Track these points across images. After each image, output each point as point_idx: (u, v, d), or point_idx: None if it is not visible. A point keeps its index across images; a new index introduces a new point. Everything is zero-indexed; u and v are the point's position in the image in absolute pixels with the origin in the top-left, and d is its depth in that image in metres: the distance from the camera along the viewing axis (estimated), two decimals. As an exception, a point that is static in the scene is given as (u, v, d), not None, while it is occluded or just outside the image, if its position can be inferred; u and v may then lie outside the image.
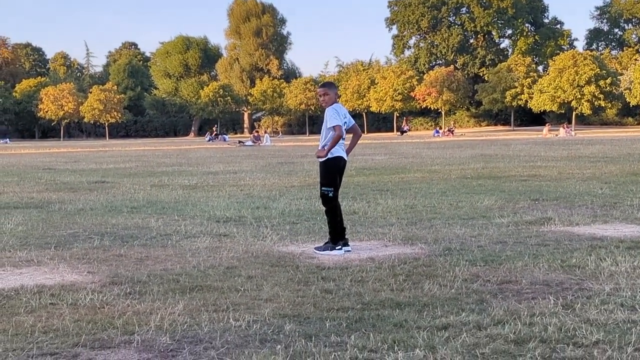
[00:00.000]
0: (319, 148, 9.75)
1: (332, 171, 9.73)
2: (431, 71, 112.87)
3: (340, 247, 9.46)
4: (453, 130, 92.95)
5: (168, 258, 9.20)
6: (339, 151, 9.71)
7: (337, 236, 9.56)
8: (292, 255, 9.25)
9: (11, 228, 12.17)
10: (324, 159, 9.67)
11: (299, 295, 7.09)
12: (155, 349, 5.48)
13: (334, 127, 9.57)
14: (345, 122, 9.75)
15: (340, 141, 9.70)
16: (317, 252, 9.43)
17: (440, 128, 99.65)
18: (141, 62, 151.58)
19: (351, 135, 10.30)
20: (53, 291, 7.38)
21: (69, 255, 9.47)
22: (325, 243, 9.61)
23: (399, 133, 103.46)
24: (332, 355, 5.22)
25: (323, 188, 9.78)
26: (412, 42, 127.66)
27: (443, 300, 6.76)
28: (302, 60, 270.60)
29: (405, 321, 6.04)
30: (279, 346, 5.45)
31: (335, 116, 9.61)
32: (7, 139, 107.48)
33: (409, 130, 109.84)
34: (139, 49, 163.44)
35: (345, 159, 9.87)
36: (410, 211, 13.64)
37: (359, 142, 10.64)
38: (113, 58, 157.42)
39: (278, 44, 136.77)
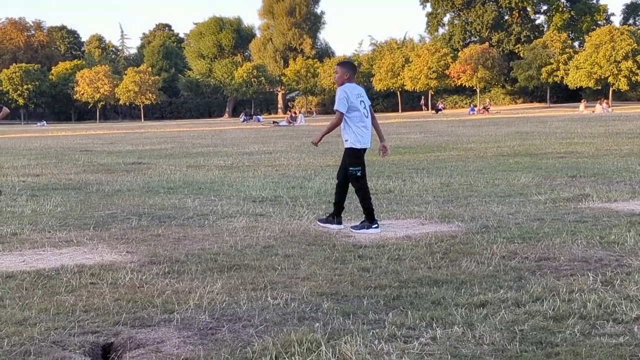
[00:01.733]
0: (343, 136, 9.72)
1: (358, 155, 9.75)
2: (466, 48, 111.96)
3: (377, 225, 9.45)
4: (489, 108, 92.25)
5: (205, 238, 9.26)
6: (360, 142, 9.67)
7: (371, 215, 9.54)
8: (329, 234, 9.27)
9: (50, 209, 12.30)
10: (316, 142, 9.77)
11: (336, 273, 7.11)
12: (195, 327, 5.53)
13: (335, 110, 9.53)
14: (362, 102, 9.66)
15: (363, 125, 9.63)
16: (354, 230, 9.43)
17: (475, 106, 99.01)
18: (175, 43, 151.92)
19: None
20: (93, 271, 7.46)
21: (107, 236, 9.56)
22: (362, 222, 9.60)
23: (433, 111, 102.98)
24: (371, 333, 5.23)
25: (351, 168, 9.74)
26: (446, 19, 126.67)
27: (481, 277, 6.75)
28: (336, 40, 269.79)
29: (443, 298, 6.04)
30: (317, 324, 5.47)
31: (343, 100, 9.51)
32: (44, 122, 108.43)
33: (444, 108, 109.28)
34: (172, 31, 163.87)
35: (368, 146, 9.84)
36: (447, 189, 13.60)
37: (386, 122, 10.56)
38: (147, 40, 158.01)
39: (311, 23, 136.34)
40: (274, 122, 72.32)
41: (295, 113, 77.12)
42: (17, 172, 20.02)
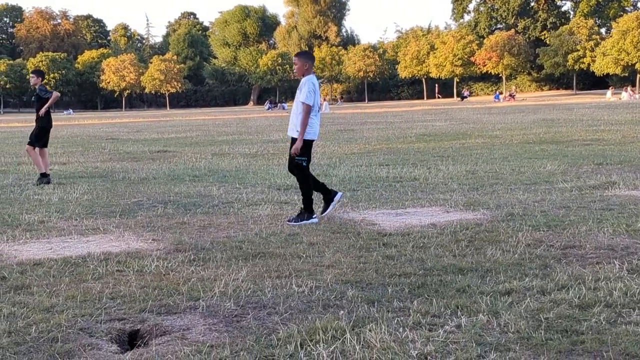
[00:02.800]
0: (293, 121, 9.53)
1: (308, 146, 9.54)
2: (491, 35, 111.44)
3: (315, 216, 9.42)
4: (514, 95, 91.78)
5: (230, 225, 9.29)
6: (312, 133, 9.50)
7: (310, 206, 9.45)
8: (353, 222, 9.27)
9: (77, 197, 12.38)
10: (301, 145, 9.37)
11: (360, 261, 7.11)
12: (220, 314, 5.56)
13: (304, 103, 9.34)
14: (319, 95, 9.63)
15: (315, 116, 9.51)
16: (291, 223, 9.26)
17: (501, 93, 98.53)
18: (200, 31, 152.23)
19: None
20: (119, 258, 7.51)
21: (133, 223, 9.62)
22: (299, 214, 9.48)
23: (459, 99, 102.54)
24: (395, 321, 5.24)
25: (297, 158, 9.52)
26: (472, 6, 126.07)
27: (506, 265, 6.73)
28: (361, 27, 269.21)
29: (468, 286, 6.03)
30: (342, 311, 5.48)
31: (311, 92, 9.39)
32: (71, 110, 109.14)
33: (470, 95, 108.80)
34: (197, 19, 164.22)
35: (315, 139, 9.69)
36: (472, 177, 13.56)
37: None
38: (172, 28, 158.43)
39: (336, 10, 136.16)
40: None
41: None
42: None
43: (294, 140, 9.52)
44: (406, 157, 17.99)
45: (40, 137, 15.13)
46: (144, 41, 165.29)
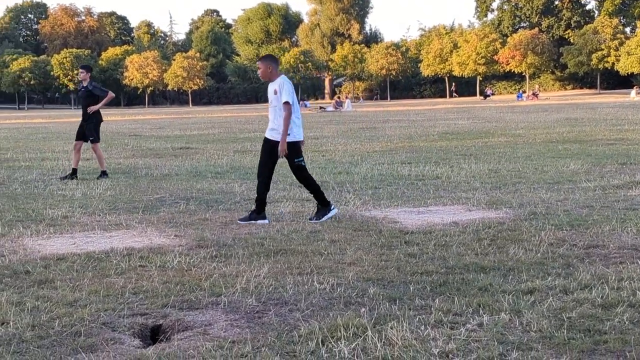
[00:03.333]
0: (272, 128, 9.53)
1: (299, 146, 9.63)
2: (515, 34, 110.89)
3: (333, 207, 9.50)
4: (538, 94, 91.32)
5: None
6: (299, 133, 9.57)
7: (324, 200, 9.47)
8: (375, 220, 9.27)
9: (100, 193, 12.45)
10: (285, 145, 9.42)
11: (382, 259, 7.11)
12: (242, 310, 5.57)
13: (287, 102, 9.31)
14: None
15: (298, 117, 9.56)
16: (314, 221, 9.23)
17: (524, 92, 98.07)
18: (223, 29, 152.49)
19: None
20: (142, 254, 7.55)
21: (156, 219, 9.66)
22: (317, 212, 9.48)
23: (482, 97, 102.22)
24: (417, 319, 5.23)
25: (295, 160, 9.54)
26: (495, 4, 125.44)
27: (529, 264, 6.70)
28: (384, 25, 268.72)
29: (490, 285, 6.01)
30: (363, 309, 5.48)
31: (291, 92, 9.41)
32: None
33: (493, 94, 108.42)
34: (220, 16, 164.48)
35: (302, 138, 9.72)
36: (494, 175, 13.51)
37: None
38: (195, 25, 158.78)
39: (359, 8, 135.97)
40: (320, 107, 72.34)
41: (339, 98, 77.05)
42: (67, 157, 20.27)
43: (275, 142, 9.45)
44: (428, 155, 17.96)
45: (98, 132, 15.26)
46: (167, 38, 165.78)
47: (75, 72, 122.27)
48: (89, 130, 15.22)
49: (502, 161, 15.94)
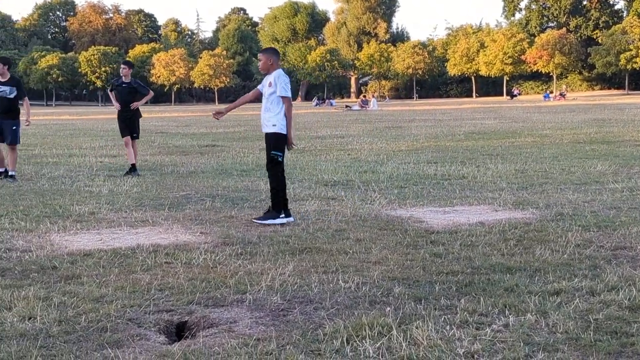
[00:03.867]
0: (264, 117, 9.37)
1: (282, 140, 9.37)
2: (542, 34, 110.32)
3: (283, 215, 9.17)
4: (565, 94, 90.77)
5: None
6: (286, 128, 9.37)
7: (279, 205, 9.23)
8: (401, 219, 9.24)
9: (127, 189, 12.52)
10: (292, 138, 9.40)
11: (407, 258, 7.09)
12: (267, 308, 5.58)
13: (282, 97, 9.22)
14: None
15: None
16: (258, 221, 9.08)
17: (551, 92, 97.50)
18: (250, 27, 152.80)
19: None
20: (168, 250, 7.58)
21: (182, 216, 9.70)
22: (266, 212, 9.32)
23: (508, 97, 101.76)
24: (442, 318, 5.21)
25: (273, 152, 9.33)
26: (523, 4, 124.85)
27: (555, 265, 6.66)
28: (411, 24, 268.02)
29: (517, 286, 5.98)
30: (388, 308, 5.47)
31: (288, 85, 9.31)
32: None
33: (520, 94, 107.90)
34: (247, 14, 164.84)
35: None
36: (521, 176, 13.45)
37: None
38: (222, 23, 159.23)
39: (386, 7, 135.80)
40: (346, 106, 72.26)
41: (364, 97, 76.94)
42: (94, 153, 20.41)
43: (267, 135, 9.39)
44: (454, 155, 17.90)
45: (139, 128, 15.44)
46: (194, 36, 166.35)
47: (103, 69, 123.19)
48: (134, 126, 15.26)
49: (528, 161, 15.86)
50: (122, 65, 15.52)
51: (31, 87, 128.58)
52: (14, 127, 14.27)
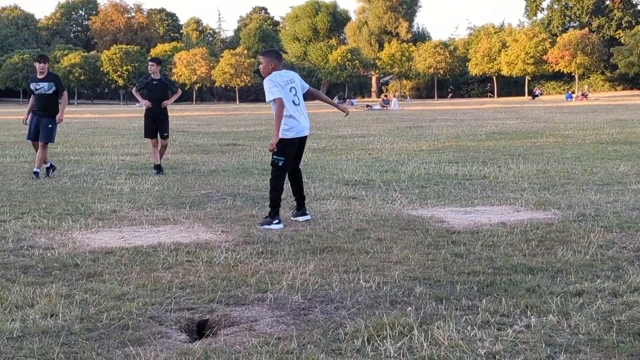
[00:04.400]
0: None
1: (285, 145, 9.03)
2: (564, 34, 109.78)
3: (278, 221, 8.87)
4: (587, 95, 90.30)
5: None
6: (291, 130, 9.02)
7: (276, 209, 9.00)
8: (422, 219, 9.22)
9: (148, 188, 12.56)
10: (276, 141, 8.97)
11: (429, 258, 7.08)
12: (288, 307, 5.58)
13: (273, 100, 8.93)
14: (293, 88, 9.12)
15: (291, 113, 9.01)
16: (259, 227, 8.78)
17: (573, 92, 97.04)
18: (271, 26, 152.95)
19: (315, 100, 9.82)
20: (189, 249, 7.60)
21: (203, 215, 9.72)
22: (265, 217, 9.06)
23: (530, 97, 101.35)
24: (464, 319, 5.20)
25: (274, 156, 9.07)
26: (545, 4, 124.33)
27: (577, 266, 6.63)
28: (432, 23, 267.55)
29: (538, 286, 5.95)
30: (409, 308, 5.46)
31: (273, 87, 8.94)
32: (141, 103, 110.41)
33: (541, 94, 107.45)
34: (268, 14, 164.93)
35: (303, 135, 9.22)
36: (543, 176, 13.39)
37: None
38: (244, 22, 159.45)
39: (407, 6, 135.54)
40: (367, 105, 72.23)
41: (385, 96, 76.84)
42: (116, 151, 20.50)
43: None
44: (476, 154, 17.85)
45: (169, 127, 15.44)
46: (215, 35, 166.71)
47: (125, 68, 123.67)
48: (165, 125, 15.21)
49: (550, 162, 15.79)
50: (150, 63, 15.54)
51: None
52: (50, 126, 14.39)
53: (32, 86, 14.49)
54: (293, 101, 9.11)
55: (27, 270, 6.77)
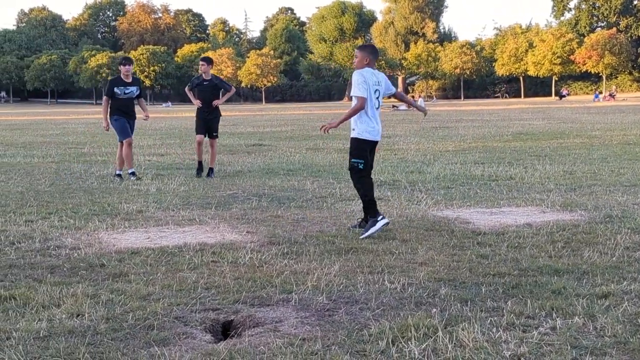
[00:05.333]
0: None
1: (363, 147, 8.78)
2: (592, 34, 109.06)
3: (381, 217, 8.48)
4: (615, 95, 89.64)
5: (323, 220, 9.32)
6: (367, 133, 8.73)
7: (373, 210, 8.55)
8: (447, 220, 9.20)
9: (174, 188, 12.62)
10: (334, 127, 8.86)
11: (454, 259, 7.06)
12: (313, 308, 5.58)
13: (356, 97, 8.70)
14: (377, 90, 8.87)
15: (372, 116, 8.75)
16: (364, 236, 8.22)
17: (601, 92, 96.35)
18: (297, 27, 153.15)
19: (400, 102, 9.75)
20: (214, 249, 7.62)
21: (228, 215, 9.74)
22: (367, 224, 8.52)
23: (557, 98, 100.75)
24: (489, 320, 5.18)
25: (353, 160, 8.81)
26: (572, 4, 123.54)
27: (603, 268, 6.58)
28: (459, 24, 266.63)
29: (564, 288, 5.92)
30: (434, 309, 5.45)
31: (362, 83, 8.68)
32: (169, 103, 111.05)
33: (568, 94, 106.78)
34: (295, 14, 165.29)
35: (377, 139, 8.92)
36: (569, 177, 13.31)
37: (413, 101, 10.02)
38: (270, 23, 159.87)
39: (434, 7, 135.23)
40: (393, 106, 72.05)
41: (412, 97, 76.62)
42: (143, 152, 20.58)
43: (350, 140, 8.99)
44: (502, 155, 17.77)
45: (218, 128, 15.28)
46: (241, 36, 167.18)
47: (152, 68, 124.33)
48: (215, 125, 14.98)
49: (577, 163, 15.69)
50: (201, 62, 14.94)
51: (81, 86, 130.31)
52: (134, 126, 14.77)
53: (119, 90, 14.32)
54: (374, 105, 8.87)
55: (53, 270, 6.82)
